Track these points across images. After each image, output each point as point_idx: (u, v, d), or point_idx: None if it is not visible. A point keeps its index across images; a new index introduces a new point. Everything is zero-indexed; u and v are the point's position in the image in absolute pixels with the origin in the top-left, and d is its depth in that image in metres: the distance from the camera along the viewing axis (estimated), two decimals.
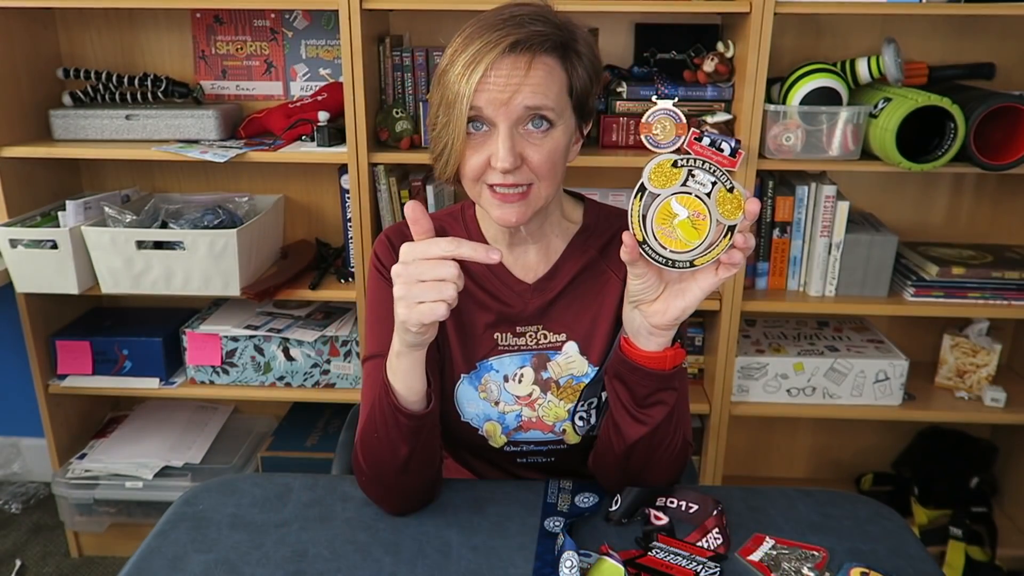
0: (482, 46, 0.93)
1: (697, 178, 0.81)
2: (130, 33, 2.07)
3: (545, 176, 0.97)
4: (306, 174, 2.15)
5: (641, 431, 0.97)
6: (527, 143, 0.96)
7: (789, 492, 1.08)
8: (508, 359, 1.10)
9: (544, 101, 0.94)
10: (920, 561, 0.94)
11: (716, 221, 0.81)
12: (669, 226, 0.82)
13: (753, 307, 1.90)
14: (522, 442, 1.12)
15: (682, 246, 0.82)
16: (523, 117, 0.95)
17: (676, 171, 0.82)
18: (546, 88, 0.94)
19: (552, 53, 0.96)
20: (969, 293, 1.87)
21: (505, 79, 0.93)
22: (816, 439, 2.35)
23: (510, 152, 0.94)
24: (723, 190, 0.81)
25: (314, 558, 0.94)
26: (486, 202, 0.99)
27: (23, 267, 1.84)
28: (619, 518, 1.00)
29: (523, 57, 0.93)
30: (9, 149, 1.86)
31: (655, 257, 0.83)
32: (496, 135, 0.95)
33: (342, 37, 1.74)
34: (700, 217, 0.81)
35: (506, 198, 0.97)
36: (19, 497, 2.38)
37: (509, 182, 0.96)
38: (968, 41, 1.97)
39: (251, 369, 2.01)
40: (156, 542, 0.97)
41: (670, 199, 0.82)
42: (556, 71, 0.96)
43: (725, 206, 0.81)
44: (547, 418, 1.10)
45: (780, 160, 1.78)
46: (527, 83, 0.93)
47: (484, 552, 0.95)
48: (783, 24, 1.93)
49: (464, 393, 1.10)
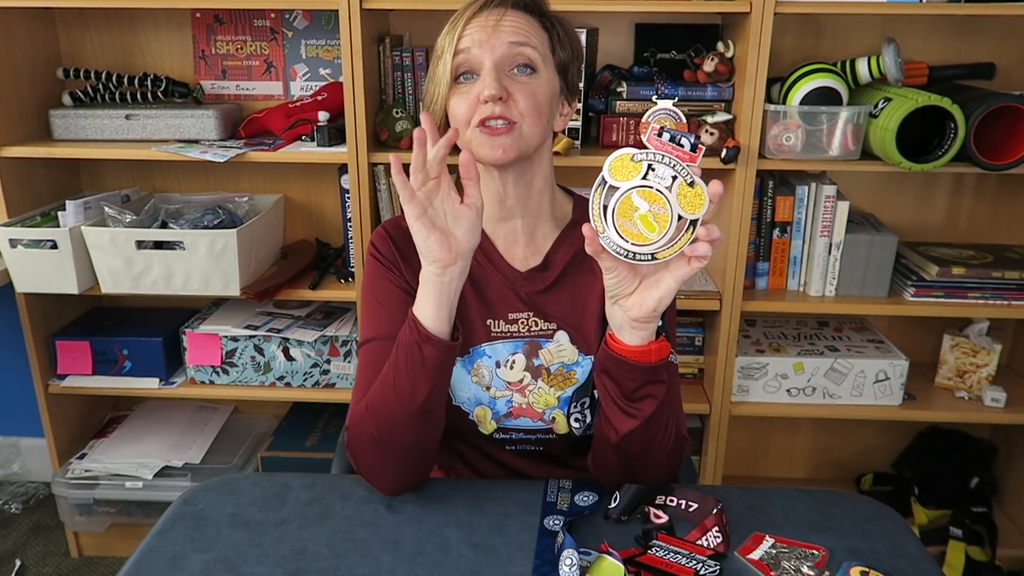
0: (462, 9, 1.06)
1: (657, 172, 0.82)
2: (130, 33, 2.07)
3: (529, 115, 1.03)
4: (306, 174, 2.15)
5: (632, 424, 0.98)
6: (512, 82, 1.03)
7: (789, 491, 1.08)
8: (501, 345, 1.12)
9: (525, 39, 1.03)
10: (920, 560, 0.94)
11: (677, 215, 0.81)
12: (630, 219, 0.82)
13: (753, 307, 1.90)
14: (512, 429, 1.13)
15: (643, 239, 0.82)
16: (507, 56, 1.03)
17: (636, 165, 0.82)
18: (526, 32, 1.04)
19: (533, 14, 1.06)
20: (969, 293, 1.87)
21: (484, 22, 1.03)
22: (816, 439, 2.35)
23: (496, 80, 1.01)
24: (684, 184, 0.81)
25: (313, 556, 0.94)
26: (476, 143, 1.04)
27: (23, 267, 1.84)
28: (618, 515, 1.00)
29: (497, 11, 1.04)
30: (9, 149, 1.86)
31: (616, 249, 0.83)
32: (482, 77, 1.02)
33: (342, 37, 1.74)
34: (661, 211, 0.82)
35: (494, 131, 1.02)
36: (19, 497, 2.38)
37: (496, 113, 1.01)
38: (968, 41, 1.97)
39: (251, 369, 2.01)
40: (155, 542, 0.97)
41: (630, 192, 0.82)
42: (537, 28, 1.06)
43: (686, 200, 0.81)
44: (537, 405, 1.12)
45: (780, 160, 1.78)
46: (511, 26, 1.03)
47: (484, 550, 0.95)
48: (783, 24, 1.93)
49: (457, 377, 1.11)
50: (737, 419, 2.01)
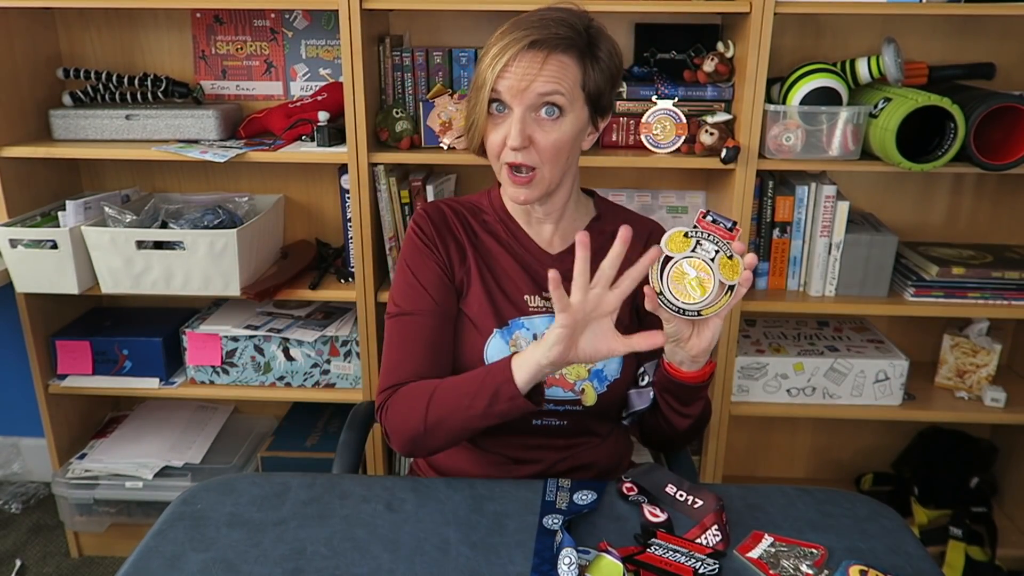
0: (509, 41, 1.10)
1: (703, 247, 1.01)
2: (130, 33, 2.07)
3: (549, 160, 1.13)
4: (306, 174, 2.15)
5: (687, 423, 1.18)
6: (537, 127, 1.12)
7: (788, 490, 1.08)
8: (538, 320, 1.21)
9: (555, 88, 1.10)
10: (918, 559, 0.94)
11: (719, 281, 1.00)
12: (681, 283, 1.01)
13: (753, 307, 1.90)
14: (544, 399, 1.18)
15: (691, 299, 1.01)
16: (536, 103, 1.11)
17: (687, 240, 1.01)
18: (559, 80, 1.10)
19: (568, 52, 1.11)
20: (969, 293, 1.87)
21: (523, 71, 1.09)
22: (816, 439, 2.35)
23: (520, 133, 1.10)
24: (724, 257, 1.00)
25: (312, 555, 0.94)
26: (504, 179, 1.17)
27: (23, 267, 1.84)
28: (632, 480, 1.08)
29: (540, 53, 1.09)
30: (9, 149, 1.86)
31: (668, 306, 1.01)
32: (511, 120, 1.11)
33: (342, 37, 1.74)
34: (706, 277, 1.01)
35: (516, 180, 1.14)
36: (19, 497, 2.38)
37: (519, 161, 1.12)
38: (968, 41, 1.97)
39: (251, 369, 2.01)
40: (154, 541, 0.97)
41: (682, 262, 1.01)
42: (571, 68, 1.11)
43: (726, 269, 1.00)
44: (569, 375, 1.20)
45: (780, 160, 1.78)
46: (541, 75, 1.09)
47: (482, 549, 0.95)
48: (783, 24, 1.93)
49: (495, 347, 1.19)
50: (737, 419, 2.01)
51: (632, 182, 2.08)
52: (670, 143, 1.79)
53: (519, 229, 1.25)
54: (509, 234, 1.25)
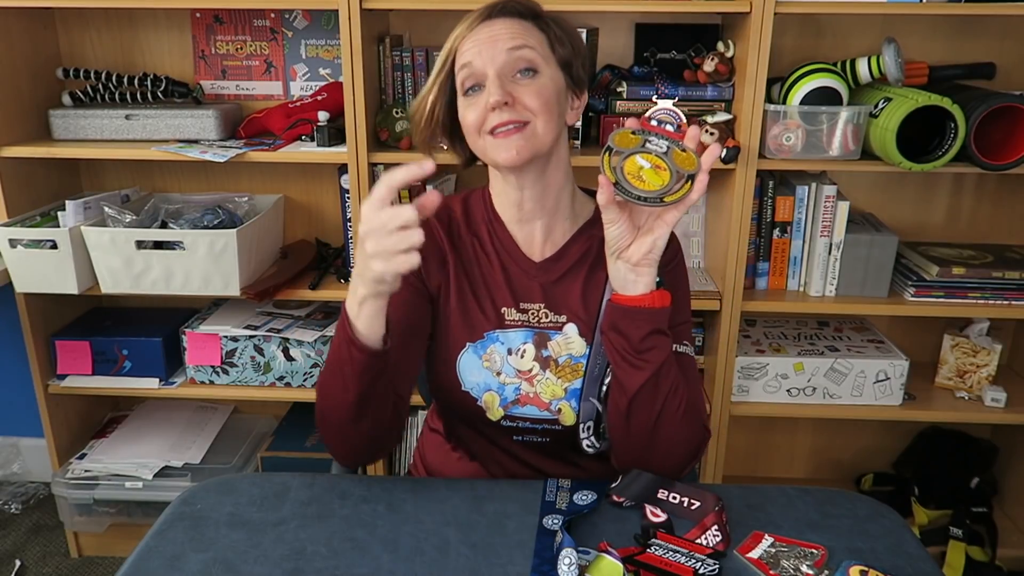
0: (461, 25, 1.08)
1: (653, 143, 0.96)
2: (130, 33, 2.07)
3: (540, 112, 1.05)
4: (306, 174, 2.15)
5: (642, 377, 1.01)
6: (517, 86, 1.05)
7: (788, 490, 1.08)
8: (513, 334, 1.14)
9: (524, 42, 1.05)
10: (919, 560, 0.94)
11: (676, 171, 0.95)
12: (636, 175, 0.96)
13: (753, 307, 1.90)
14: (519, 417, 1.15)
15: (651, 187, 0.95)
16: (508, 62, 1.05)
17: (635, 137, 0.97)
18: (522, 36, 1.06)
19: (526, 18, 1.08)
20: (969, 293, 1.87)
21: (488, 34, 1.06)
22: (816, 439, 2.35)
23: (499, 88, 1.03)
24: (676, 151, 0.96)
25: (312, 556, 0.94)
26: (490, 149, 1.06)
27: (23, 267, 1.84)
28: (618, 493, 1.02)
29: (500, 19, 1.07)
30: (9, 149, 1.86)
31: (627, 195, 0.95)
32: (488, 81, 1.04)
33: (342, 37, 1.74)
34: (661, 168, 0.96)
35: (505, 134, 1.04)
36: (19, 497, 2.38)
37: (505, 119, 1.03)
38: (968, 41, 1.97)
39: (251, 369, 2.01)
40: (154, 542, 0.97)
41: (635, 155, 0.96)
42: (533, 31, 1.08)
43: (681, 161, 0.95)
44: (544, 395, 1.14)
45: (780, 160, 1.78)
46: (506, 32, 1.06)
47: (482, 550, 0.94)
48: (783, 24, 1.93)
49: (468, 361, 1.14)
50: (737, 419, 2.01)
51: None
52: None
53: (504, 231, 1.16)
54: (494, 237, 1.16)
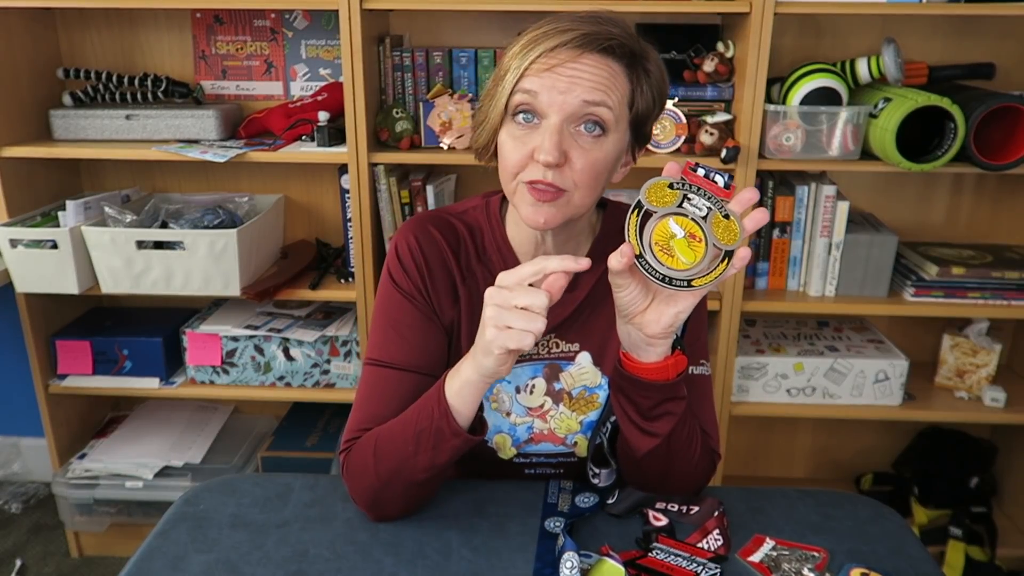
0: (549, 30, 0.90)
1: (693, 202, 0.81)
2: (130, 33, 2.07)
3: (584, 185, 0.92)
4: (306, 174, 2.15)
5: (651, 444, 0.94)
6: (575, 144, 0.91)
7: (789, 493, 1.08)
8: (520, 370, 1.07)
9: (603, 98, 0.89)
10: (920, 561, 0.94)
11: (713, 245, 0.80)
12: (666, 245, 0.80)
13: (753, 307, 1.90)
14: (532, 454, 1.11)
15: (679, 265, 0.80)
16: (577, 114, 0.90)
17: (672, 192, 0.81)
18: (608, 90, 0.90)
19: (621, 60, 0.92)
20: (969, 293, 1.87)
21: (569, 70, 0.89)
22: (816, 439, 2.35)
23: (556, 147, 0.88)
24: (718, 216, 0.80)
25: (314, 558, 0.94)
26: (520, 199, 0.94)
27: (23, 267, 1.84)
28: (614, 510, 1.01)
29: (591, 53, 0.89)
30: (9, 149, 1.86)
31: (651, 272, 0.81)
32: (543, 131, 0.90)
33: (342, 37, 1.74)
34: (696, 239, 0.80)
35: (541, 195, 0.91)
36: (19, 497, 2.38)
37: (548, 180, 0.90)
38: (968, 41, 1.97)
39: (251, 369, 2.01)
40: (156, 542, 0.97)
41: (667, 218, 0.81)
42: (621, 79, 0.92)
43: (721, 231, 0.80)
44: (559, 430, 1.09)
45: (780, 160, 1.78)
46: (589, 78, 0.89)
47: (484, 553, 0.95)
48: (783, 24, 1.93)
49: None
50: (737, 419, 2.01)
51: (631, 182, 2.08)
52: (670, 143, 1.79)
53: (515, 261, 1.05)
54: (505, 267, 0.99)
